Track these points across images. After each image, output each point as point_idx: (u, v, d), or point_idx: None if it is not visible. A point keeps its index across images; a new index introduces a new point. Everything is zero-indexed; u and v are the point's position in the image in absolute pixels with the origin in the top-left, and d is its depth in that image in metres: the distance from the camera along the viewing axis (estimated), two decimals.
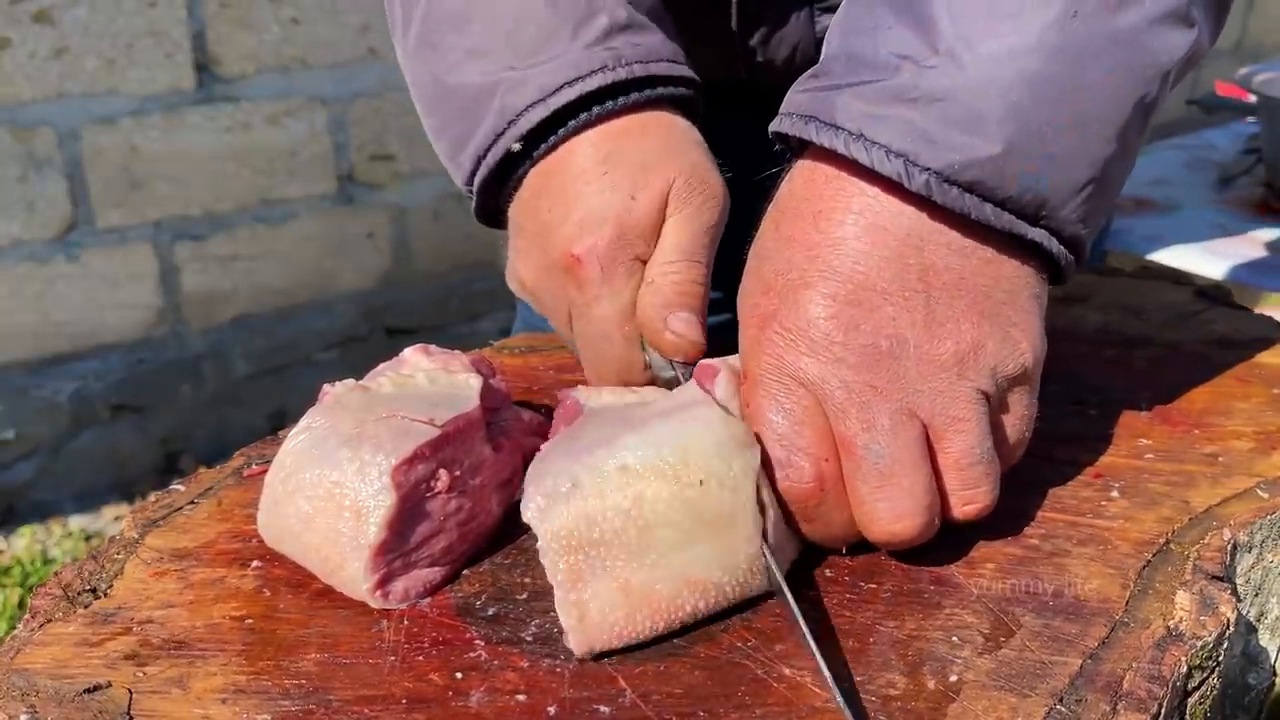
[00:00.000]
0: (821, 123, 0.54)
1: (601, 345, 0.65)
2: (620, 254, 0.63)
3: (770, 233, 0.57)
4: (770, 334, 0.54)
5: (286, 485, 0.56)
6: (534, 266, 0.66)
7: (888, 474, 0.52)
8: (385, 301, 2.65)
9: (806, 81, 0.57)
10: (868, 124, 0.52)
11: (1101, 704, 0.47)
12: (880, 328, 0.52)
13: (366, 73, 2.44)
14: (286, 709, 0.48)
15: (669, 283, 0.63)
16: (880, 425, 0.52)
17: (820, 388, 0.53)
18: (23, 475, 2.36)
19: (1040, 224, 0.54)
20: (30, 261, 2.24)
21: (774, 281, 0.55)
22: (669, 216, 0.65)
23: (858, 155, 0.52)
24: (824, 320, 0.53)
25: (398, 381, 0.61)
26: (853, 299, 0.53)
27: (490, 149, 0.66)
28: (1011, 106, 0.51)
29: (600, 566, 0.51)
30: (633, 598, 0.51)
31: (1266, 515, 0.59)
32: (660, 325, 0.63)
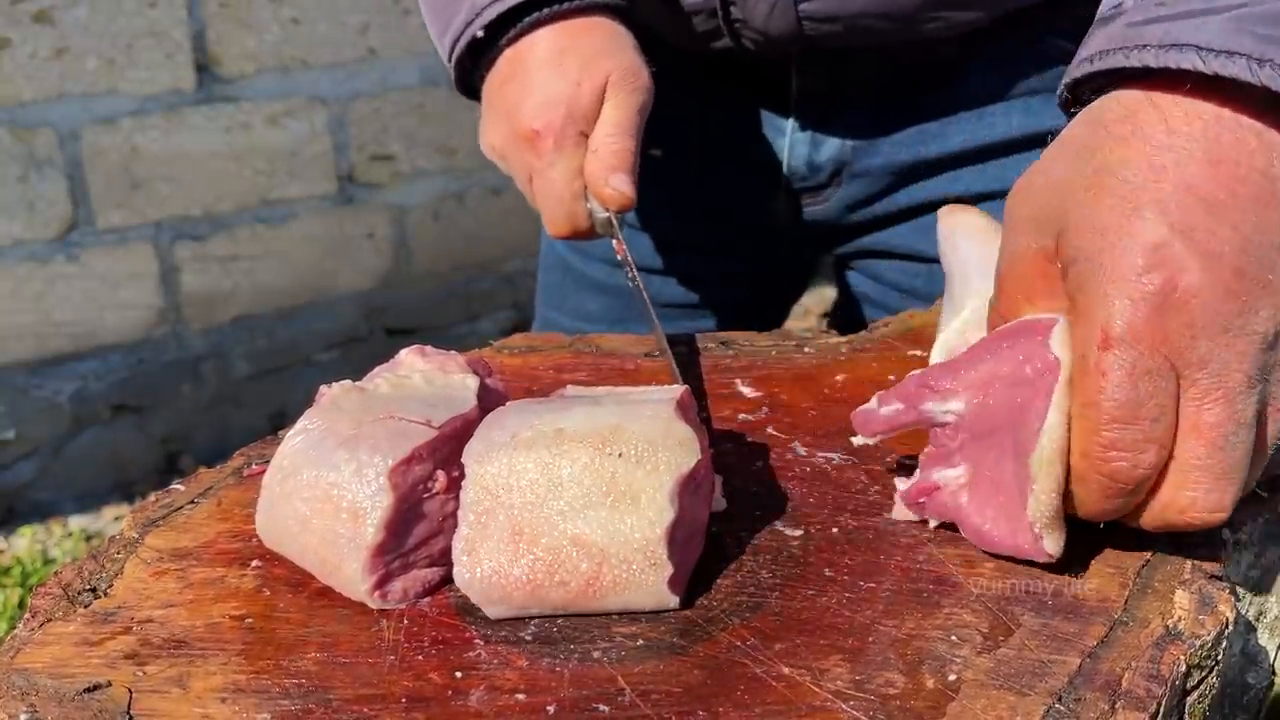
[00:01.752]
0: (1204, 49, 0.49)
1: (555, 201, 0.82)
2: (569, 129, 0.80)
3: (1139, 165, 0.50)
4: (1150, 310, 0.49)
5: (284, 487, 0.56)
6: (502, 137, 0.83)
7: (1228, 467, 0.50)
8: (385, 302, 2.65)
9: (1145, 10, 0.52)
10: (1268, 47, 0.48)
11: (1100, 703, 0.47)
12: (1274, 315, 0.49)
13: (366, 73, 2.44)
14: (286, 708, 0.49)
15: (609, 151, 0.80)
16: (1243, 420, 0.50)
17: (1196, 365, 0.49)
18: (23, 475, 2.37)
19: None
20: (30, 261, 2.24)
21: (1165, 241, 0.49)
22: (607, 100, 0.81)
23: (1269, 83, 0.47)
24: (1224, 302, 0.48)
25: (394, 383, 0.62)
26: (1256, 277, 0.49)
27: (462, 35, 0.83)
28: None
29: (504, 511, 0.53)
30: (519, 541, 0.53)
31: (1265, 514, 0.59)
32: (602, 183, 0.79)
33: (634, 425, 0.55)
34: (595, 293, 1.13)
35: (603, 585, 0.53)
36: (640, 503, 0.53)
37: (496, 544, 0.53)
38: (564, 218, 0.82)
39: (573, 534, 0.53)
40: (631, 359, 0.80)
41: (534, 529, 0.53)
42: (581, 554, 0.53)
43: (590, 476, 0.53)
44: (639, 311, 1.10)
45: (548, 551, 0.53)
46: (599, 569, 0.53)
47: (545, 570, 0.53)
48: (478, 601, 0.53)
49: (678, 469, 0.54)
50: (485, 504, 0.54)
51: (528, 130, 0.80)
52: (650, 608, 0.54)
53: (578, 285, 1.14)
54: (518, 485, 0.54)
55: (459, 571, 0.53)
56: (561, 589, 0.53)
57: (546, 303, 1.19)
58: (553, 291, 1.18)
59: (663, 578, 0.53)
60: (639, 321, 1.10)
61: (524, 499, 0.54)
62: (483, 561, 0.53)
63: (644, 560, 0.53)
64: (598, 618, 0.54)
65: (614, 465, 0.53)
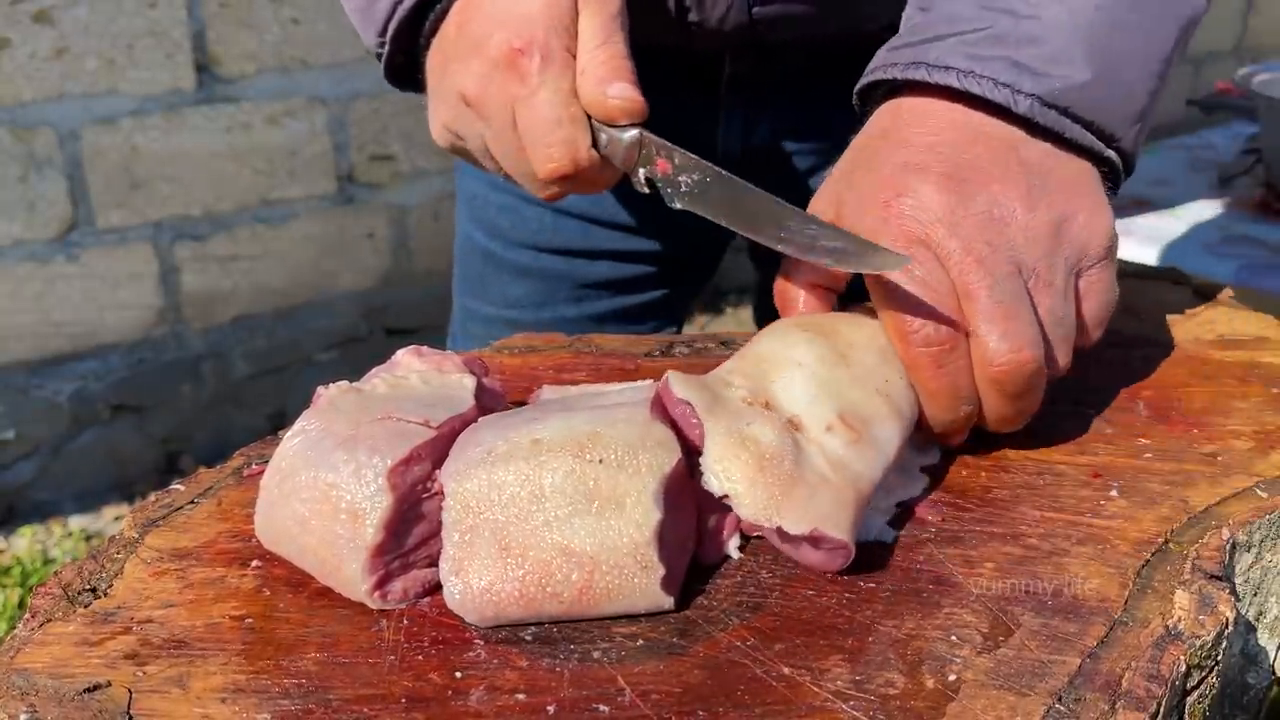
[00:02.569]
0: (931, 65, 0.65)
1: (550, 130, 0.71)
2: (554, 42, 0.71)
3: (880, 143, 0.67)
4: (895, 210, 0.62)
5: (282, 488, 0.56)
6: (475, 75, 0.73)
7: (1009, 310, 0.60)
8: (385, 301, 2.65)
9: (900, 40, 0.69)
10: (975, 63, 0.64)
11: (1100, 703, 0.47)
12: (991, 200, 0.62)
13: (366, 73, 2.44)
14: (286, 708, 0.49)
15: (598, 62, 0.72)
16: (999, 273, 0.60)
17: (943, 246, 0.61)
18: (23, 475, 2.37)
19: (1111, 146, 0.66)
20: (30, 261, 2.24)
21: (893, 172, 0.64)
22: (581, 11, 0.73)
23: (969, 86, 0.64)
24: (942, 193, 0.62)
25: (392, 383, 0.62)
26: (965, 177, 0.62)
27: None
28: (1093, 44, 0.64)
29: (489, 527, 0.53)
30: (508, 558, 0.52)
31: (1265, 514, 0.59)
32: (603, 97, 0.71)
33: (611, 430, 0.54)
34: (519, 278, 1.11)
35: (596, 593, 0.53)
36: (626, 507, 0.53)
37: (484, 561, 0.53)
38: (562, 145, 0.71)
39: (561, 544, 0.53)
40: (631, 359, 0.80)
41: (521, 543, 0.53)
42: (572, 564, 0.52)
43: (572, 485, 0.53)
44: (563, 295, 1.09)
45: (537, 564, 0.52)
46: (590, 577, 0.52)
47: (537, 583, 0.52)
48: (471, 620, 0.53)
49: (660, 470, 0.54)
50: (468, 521, 0.53)
51: (506, 52, 0.71)
52: (645, 610, 0.54)
53: (500, 272, 1.12)
54: (500, 500, 0.53)
55: (449, 592, 0.53)
56: (555, 600, 0.53)
57: (466, 293, 1.17)
58: (473, 281, 1.16)
59: (655, 580, 0.53)
60: (565, 304, 1.10)
61: (507, 513, 0.53)
62: (472, 580, 0.53)
63: (635, 564, 0.53)
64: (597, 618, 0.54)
65: (595, 472, 0.53)
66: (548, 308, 1.09)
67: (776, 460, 0.56)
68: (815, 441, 0.58)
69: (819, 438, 0.58)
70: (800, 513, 0.54)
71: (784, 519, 0.55)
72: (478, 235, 1.13)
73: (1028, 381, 0.61)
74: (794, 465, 0.56)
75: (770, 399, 0.59)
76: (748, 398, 0.59)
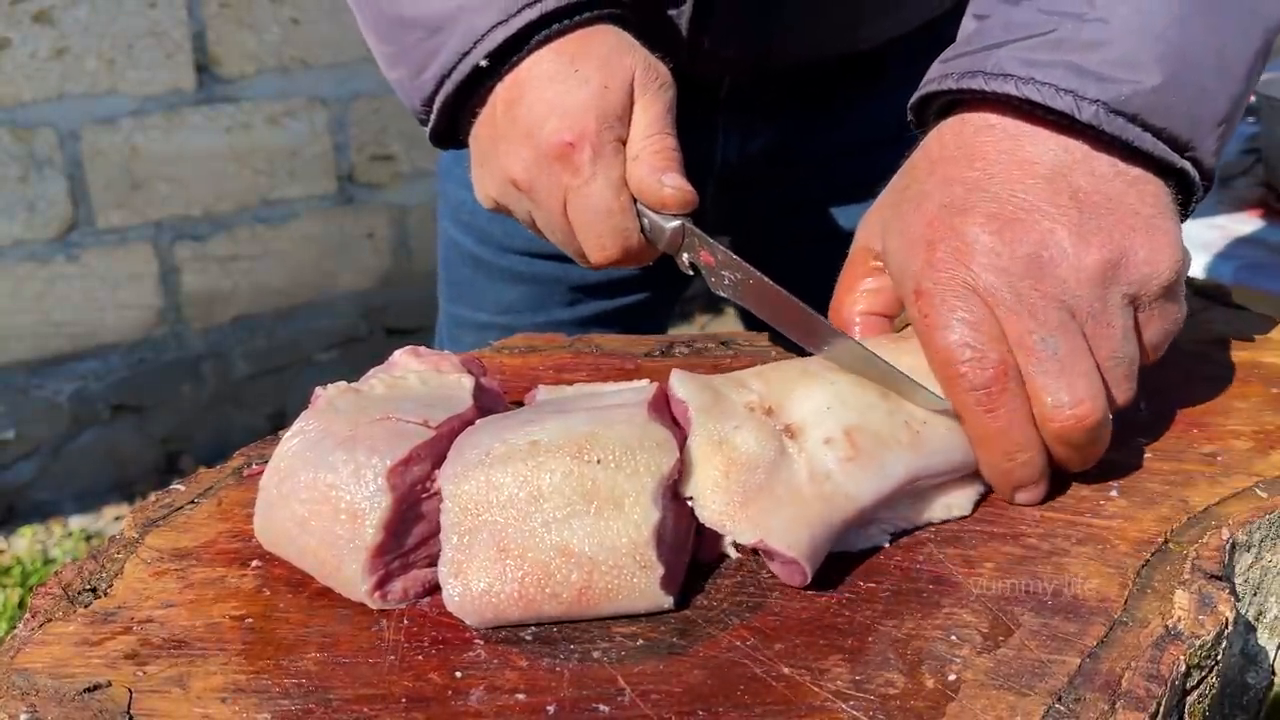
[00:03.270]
0: (989, 74, 0.61)
1: (602, 219, 0.72)
2: (606, 135, 0.72)
3: (925, 176, 0.64)
4: (940, 254, 0.60)
5: (281, 489, 0.56)
6: (526, 163, 0.73)
7: (1065, 363, 0.58)
8: (385, 301, 2.65)
9: (957, 50, 0.65)
10: (1036, 70, 0.60)
11: (1100, 703, 0.47)
12: (1040, 240, 0.59)
13: (366, 73, 2.44)
14: (286, 708, 0.49)
15: (652, 152, 0.73)
16: (1051, 322, 0.58)
17: (992, 294, 0.59)
18: (23, 475, 2.37)
19: (1186, 155, 0.61)
20: (30, 261, 2.24)
21: (938, 214, 0.62)
22: (636, 99, 0.74)
23: (1029, 94, 0.60)
24: (988, 236, 0.59)
25: (390, 384, 0.61)
26: (1012, 218, 0.60)
27: (455, 68, 0.74)
28: (1167, 46, 0.60)
29: (487, 529, 0.53)
30: (507, 558, 0.52)
31: (1265, 514, 0.59)
32: (658, 185, 0.71)
33: (609, 431, 0.54)
34: (513, 283, 1.10)
35: (595, 593, 0.53)
36: (624, 507, 0.53)
37: (483, 563, 0.53)
38: (614, 235, 0.73)
39: (559, 545, 0.53)
40: (632, 359, 0.80)
41: (520, 544, 0.53)
42: (571, 564, 0.52)
43: (571, 486, 0.53)
44: (555, 299, 1.08)
45: (536, 565, 0.52)
46: (590, 577, 0.52)
47: (536, 584, 0.52)
48: (471, 622, 0.53)
49: (658, 470, 0.54)
50: (467, 524, 0.53)
51: (558, 145, 0.71)
52: (645, 610, 0.53)
53: (492, 278, 1.11)
54: (498, 501, 0.53)
55: (448, 594, 0.53)
56: (554, 601, 0.53)
57: (455, 300, 1.16)
58: (463, 288, 1.14)
59: (655, 579, 0.53)
60: (559, 307, 1.10)
61: (506, 515, 0.53)
62: (471, 582, 0.53)
63: (634, 564, 0.53)
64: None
65: (594, 472, 0.53)
66: (542, 312, 1.09)
67: (747, 468, 0.55)
68: (806, 452, 0.57)
69: (812, 448, 0.57)
70: (753, 523, 0.54)
71: (735, 528, 0.55)
72: (465, 241, 1.12)
73: (1091, 434, 0.59)
74: (766, 475, 0.56)
75: (778, 405, 0.59)
76: (754, 402, 0.59)
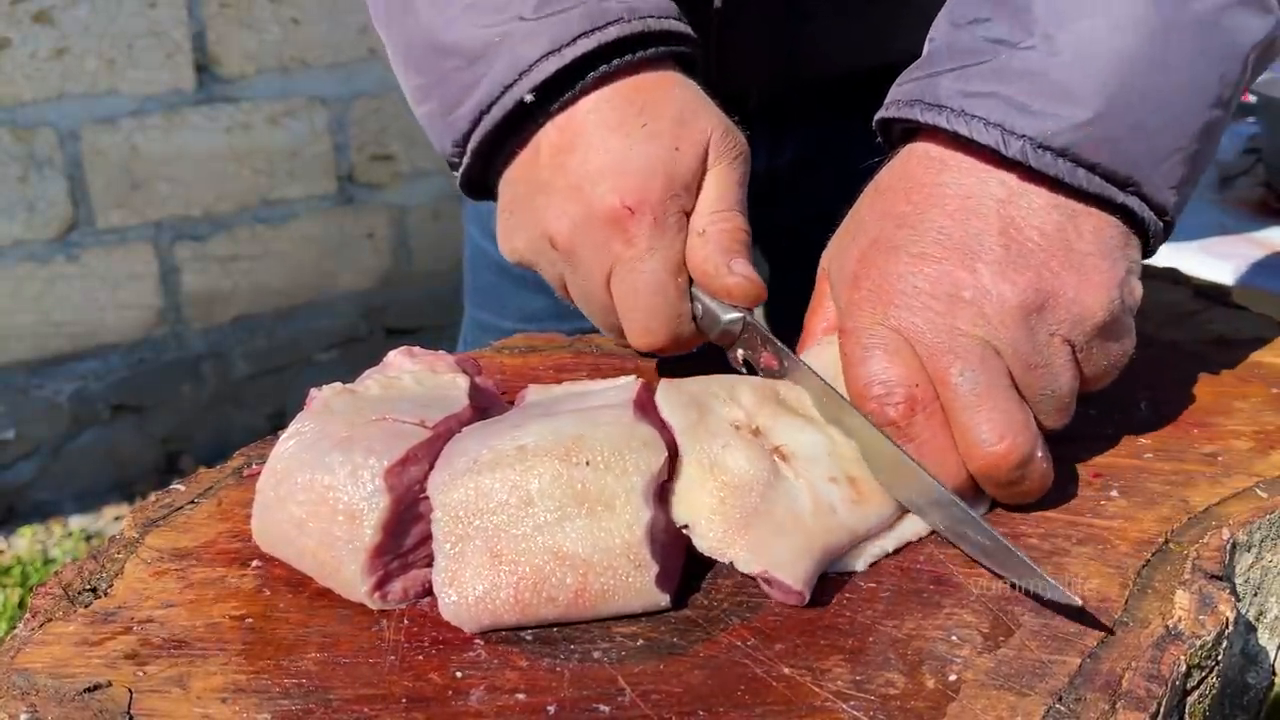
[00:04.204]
0: (925, 104, 0.60)
1: (654, 299, 0.64)
2: (671, 205, 0.63)
3: (866, 209, 0.63)
4: (863, 293, 0.60)
5: (278, 491, 0.56)
6: (572, 221, 0.64)
7: (984, 396, 0.57)
8: (385, 301, 2.65)
9: (910, 73, 0.64)
10: (968, 101, 0.58)
11: (1100, 703, 0.47)
12: (962, 280, 0.57)
13: (366, 73, 2.44)
14: (286, 708, 0.49)
15: (721, 231, 0.64)
16: (970, 358, 0.57)
17: (911, 332, 0.58)
18: (23, 475, 2.37)
19: (1130, 190, 0.58)
20: (30, 261, 2.24)
21: (868, 249, 0.60)
22: (709, 168, 0.65)
23: (958, 128, 0.58)
24: (910, 275, 0.58)
25: (385, 384, 0.61)
26: (937, 256, 0.58)
27: (496, 102, 0.64)
28: (1102, 79, 0.57)
29: (479, 535, 0.53)
30: (500, 564, 0.52)
31: (1265, 514, 0.59)
32: (724, 271, 0.63)
33: (596, 432, 0.54)
34: (537, 292, 1.07)
35: (591, 594, 0.53)
36: (615, 507, 0.53)
37: (477, 570, 0.53)
38: (664, 321, 0.64)
39: (553, 548, 0.53)
40: (632, 359, 0.80)
41: (513, 549, 0.53)
42: (565, 567, 0.52)
43: (560, 489, 0.53)
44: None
45: (531, 570, 0.52)
46: (585, 579, 0.52)
47: (531, 589, 0.52)
48: (468, 629, 0.53)
49: (647, 469, 0.54)
50: (459, 532, 0.53)
51: (614, 209, 0.62)
52: (642, 609, 0.53)
53: (519, 286, 1.09)
54: (488, 507, 0.53)
55: (444, 604, 0.53)
56: (551, 604, 0.53)
57: (481, 306, 1.14)
58: (489, 294, 1.13)
59: (650, 578, 0.53)
60: (582, 316, 1.09)
61: (496, 520, 0.53)
62: (466, 590, 0.53)
63: (628, 563, 0.53)
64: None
65: (582, 474, 0.53)
66: (566, 321, 1.08)
67: (742, 490, 0.55)
68: (807, 481, 0.57)
69: (816, 482, 0.57)
70: (753, 552, 0.54)
71: (737, 555, 0.54)
72: (491, 248, 1.10)
73: (1015, 471, 0.57)
74: (761, 498, 0.55)
75: (766, 427, 0.59)
76: (740, 420, 0.59)
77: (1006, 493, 0.59)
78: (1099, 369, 0.60)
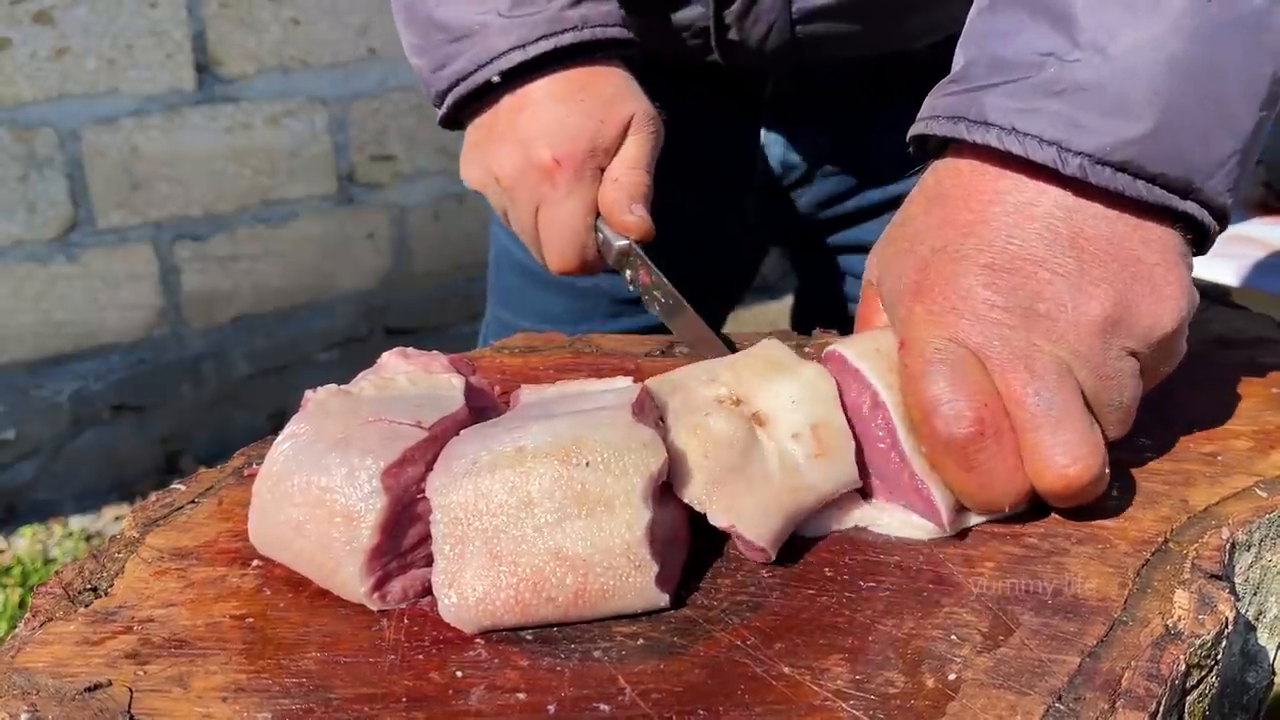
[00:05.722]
0: (971, 121, 0.59)
1: (566, 233, 0.82)
2: (589, 162, 0.81)
3: (921, 217, 0.62)
4: (929, 304, 0.58)
5: (275, 493, 0.56)
6: (514, 166, 0.82)
7: (1060, 419, 0.55)
8: (385, 302, 2.65)
9: (945, 88, 0.62)
10: (1019, 118, 0.57)
11: (1100, 702, 0.47)
12: (1036, 292, 0.56)
13: (366, 73, 2.44)
14: (287, 707, 0.49)
15: (629, 181, 0.81)
16: (1046, 377, 0.56)
17: (983, 349, 0.56)
18: (23, 475, 2.37)
19: (1190, 197, 0.57)
20: (31, 261, 2.24)
21: (930, 259, 0.59)
22: (629, 137, 0.82)
23: (1010, 147, 0.57)
24: (982, 288, 0.57)
25: (380, 385, 0.61)
26: (1008, 268, 0.57)
27: (470, 77, 0.82)
28: (1156, 89, 0.56)
29: (479, 537, 0.53)
30: (500, 565, 0.52)
31: (1265, 514, 0.59)
32: (625, 211, 0.80)
33: (595, 434, 0.54)
34: (559, 294, 1.12)
35: (591, 595, 0.53)
36: (615, 508, 0.53)
37: (476, 572, 0.53)
38: (575, 250, 0.82)
39: (552, 549, 0.53)
40: (632, 359, 0.80)
41: (512, 551, 0.53)
42: (565, 568, 0.52)
43: (560, 490, 0.53)
44: (601, 311, 1.11)
45: (531, 571, 0.52)
46: (585, 580, 0.52)
47: (531, 590, 0.52)
48: (468, 630, 0.53)
49: (647, 469, 0.54)
50: (458, 533, 0.53)
51: (546, 161, 0.80)
52: (641, 609, 0.54)
53: (539, 288, 1.13)
54: (487, 509, 0.53)
55: (444, 605, 0.53)
56: (550, 605, 0.53)
57: (503, 304, 1.18)
58: (511, 294, 1.17)
59: (650, 578, 0.53)
60: (603, 320, 1.11)
61: (496, 522, 0.53)
62: (466, 591, 0.53)
63: (628, 564, 0.53)
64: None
65: (582, 475, 0.53)
66: (584, 323, 1.09)
67: (723, 445, 0.57)
68: (775, 441, 0.58)
69: (781, 440, 0.58)
70: (725, 506, 0.56)
71: (711, 506, 0.56)
72: (514, 248, 1.13)
73: (1084, 491, 0.57)
74: (740, 455, 0.57)
75: (746, 396, 0.60)
76: (723, 395, 0.60)
77: (1069, 505, 0.58)
78: (1157, 377, 0.61)
